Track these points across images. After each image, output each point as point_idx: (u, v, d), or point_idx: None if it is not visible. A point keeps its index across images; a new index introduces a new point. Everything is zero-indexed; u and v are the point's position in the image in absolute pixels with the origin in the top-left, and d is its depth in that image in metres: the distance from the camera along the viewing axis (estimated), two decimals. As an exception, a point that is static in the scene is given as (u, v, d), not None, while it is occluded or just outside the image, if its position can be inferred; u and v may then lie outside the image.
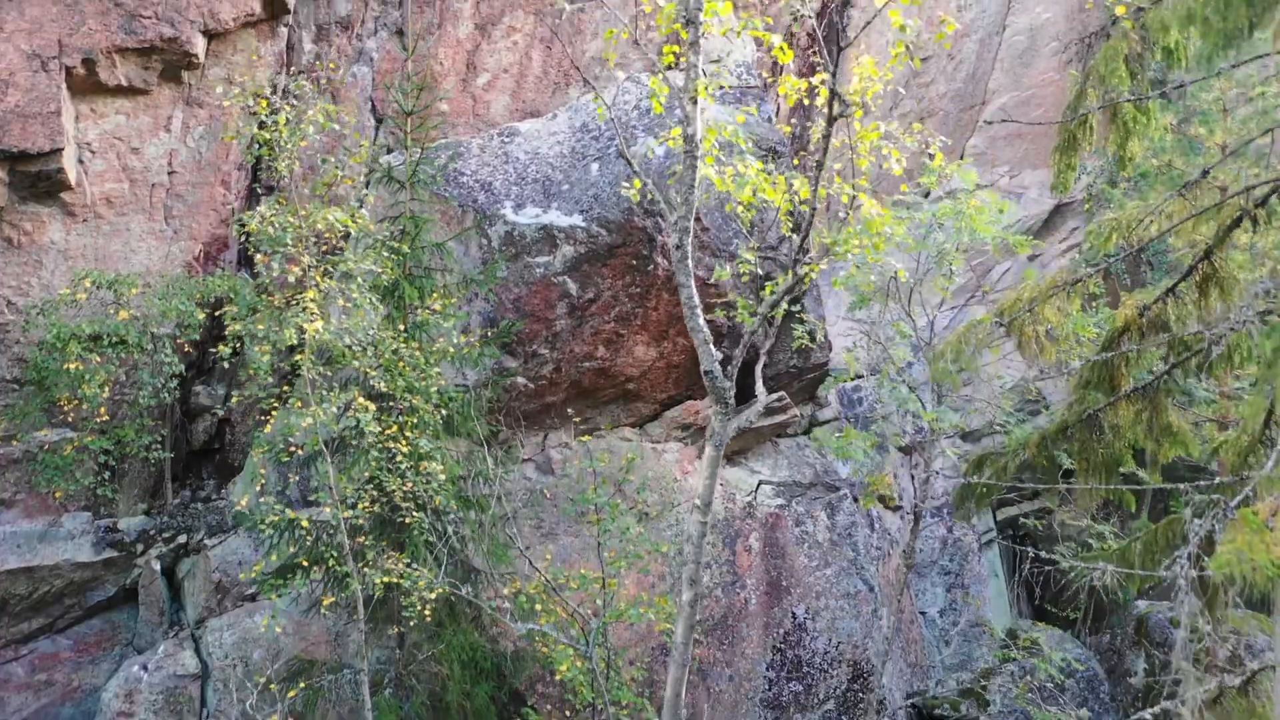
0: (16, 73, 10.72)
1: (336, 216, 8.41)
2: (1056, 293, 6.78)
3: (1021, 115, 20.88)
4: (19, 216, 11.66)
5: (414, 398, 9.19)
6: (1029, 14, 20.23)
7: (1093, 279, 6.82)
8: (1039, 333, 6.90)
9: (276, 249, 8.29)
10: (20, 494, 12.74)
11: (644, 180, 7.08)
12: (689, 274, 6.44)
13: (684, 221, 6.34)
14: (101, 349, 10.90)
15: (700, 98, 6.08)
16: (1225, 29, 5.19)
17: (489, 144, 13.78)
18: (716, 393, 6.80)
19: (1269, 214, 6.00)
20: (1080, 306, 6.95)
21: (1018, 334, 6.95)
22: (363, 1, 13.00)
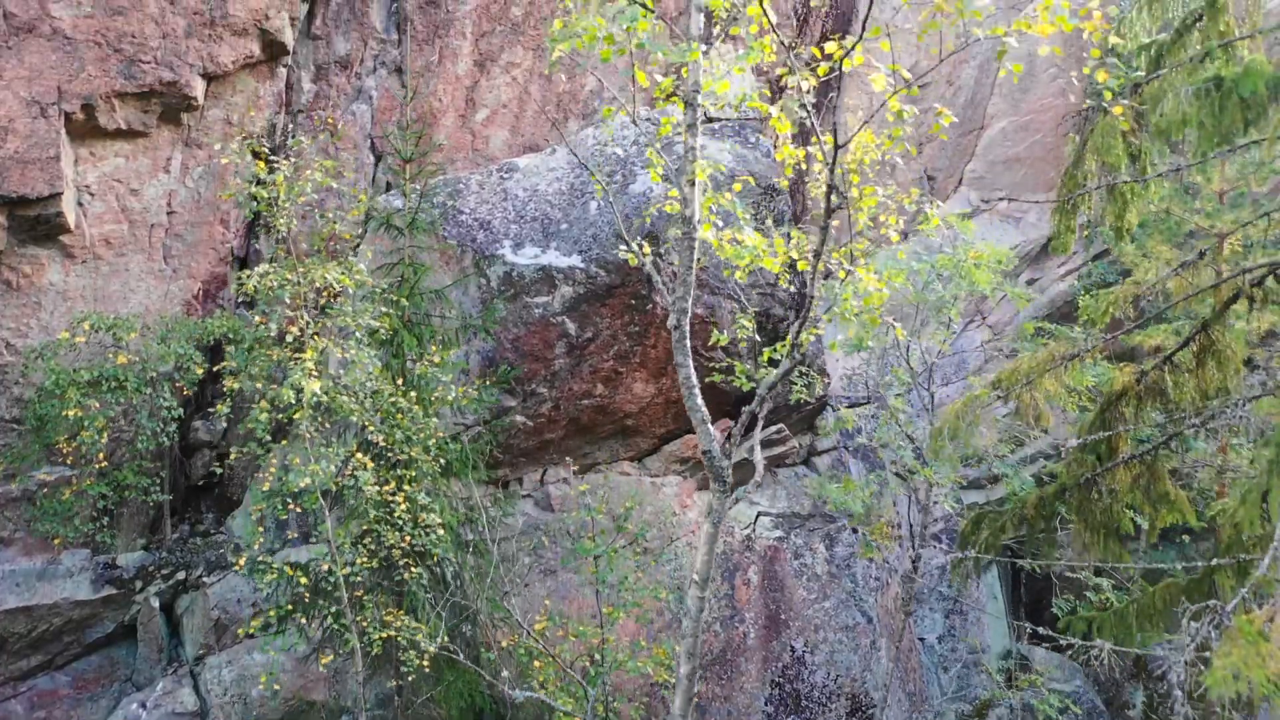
0: (16, 119, 10.73)
1: (335, 275, 8.41)
2: (1055, 367, 6.79)
3: (1020, 140, 20.93)
4: (18, 259, 11.66)
5: (412, 449, 9.19)
6: (1027, 40, 20.24)
7: (1090, 354, 6.85)
8: (1038, 401, 6.91)
9: (274, 307, 8.28)
10: (19, 532, 12.72)
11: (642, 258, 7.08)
12: (687, 353, 6.44)
13: (681, 302, 6.34)
14: (100, 394, 10.89)
15: (698, 179, 6.09)
16: (1220, 130, 5.21)
17: (488, 180, 13.79)
18: (715, 472, 6.80)
19: (1265, 294, 6.01)
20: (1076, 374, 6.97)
21: (1016, 402, 6.95)
22: (362, 41, 13.01)
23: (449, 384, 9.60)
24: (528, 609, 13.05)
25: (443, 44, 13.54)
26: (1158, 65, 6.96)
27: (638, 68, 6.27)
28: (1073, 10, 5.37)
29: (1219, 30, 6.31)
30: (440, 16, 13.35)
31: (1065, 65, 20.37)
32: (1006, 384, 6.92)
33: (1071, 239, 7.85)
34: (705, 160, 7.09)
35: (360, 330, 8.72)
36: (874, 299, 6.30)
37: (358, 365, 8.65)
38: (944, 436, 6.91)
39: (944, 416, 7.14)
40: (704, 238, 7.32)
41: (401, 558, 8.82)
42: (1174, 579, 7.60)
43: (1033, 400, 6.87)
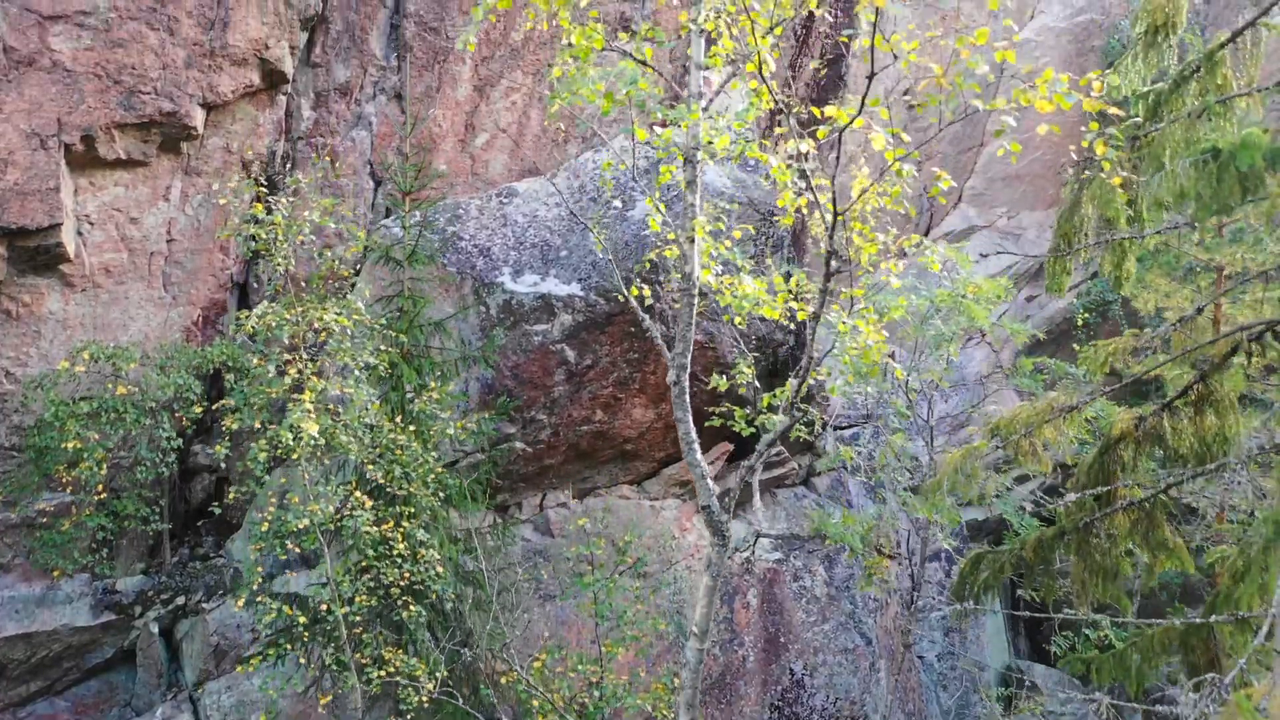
0: (15, 151, 10.73)
1: (333, 317, 8.42)
2: (1054, 418, 6.81)
3: (1019, 159, 20.96)
4: (17, 289, 11.67)
5: (411, 485, 9.20)
6: (1027, 58, 20.29)
7: (1088, 406, 6.86)
8: (1037, 447, 6.92)
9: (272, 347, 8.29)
10: (19, 558, 12.72)
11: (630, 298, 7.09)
12: (686, 409, 6.44)
13: (681, 359, 6.35)
14: (100, 425, 10.90)
15: (698, 236, 6.10)
16: (1218, 201, 5.22)
17: (487, 205, 13.80)
18: (713, 527, 6.81)
19: (1264, 349, 6.03)
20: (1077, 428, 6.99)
21: (1014, 450, 6.97)
22: (361, 68, 13.02)
23: (447, 420, 9.60)
24: (528, 635, 13.06)
25: (442, 69, 13.55)
26: (1155, 114, 6.97)
27: (636, 124, 6.28)
28: (1072, 83, 5.38)
29: (1216, 84, 6.32)
30: (440, 43, 13.36)
31: (1064, 83, 20.38)
32: (1005, 433, 6.93)
33: (1067, 280, 7.87)
34: (705, 196, 7.11)
35: (358, 368, 8.72)
36: (873, 352, 6.31)
37: (356, 402, 8.65)
38: (942, 490, 6.92)
39: (942, 468, 7.15)
40: (703, 282, 7.34)
41: (400, 595, 8.83)
42: (1171, 625, 7.62)
43: (1031, 447, 6.88)
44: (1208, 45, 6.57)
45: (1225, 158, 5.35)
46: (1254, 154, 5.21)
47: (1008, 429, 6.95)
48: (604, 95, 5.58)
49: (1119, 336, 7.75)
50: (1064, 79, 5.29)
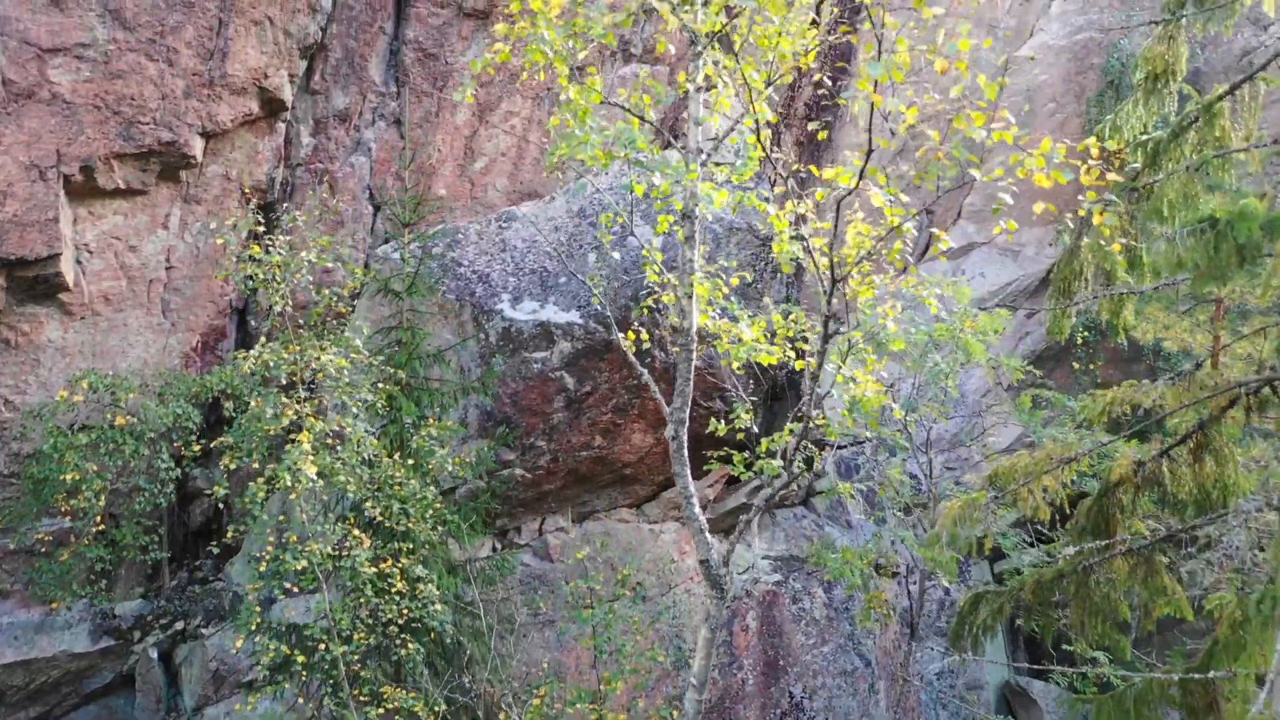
0: (15, 183, 10.73)
1: (330, 357, 8.42)
2: (1052, 469, 6.81)
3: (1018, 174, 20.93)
4: (16, 318, 11.66)
5: (409, 521, 9.20)
6: (1026, 76, 20.28)
7: (1086, 458, 6.87)
8: (1036, 495, 6.93)
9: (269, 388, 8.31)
10: (17, 585, 12.72)
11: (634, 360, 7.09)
12: (685, 463, 6.45)
13: (679, 413, 6.36)
14: (99, 456, 10.90)
15: (696, 291, 6.11)
16: (1215, 270, 5.23)
17: (486, 230, 13.80)
18: (712, 580, 6.82)
19: (1262, 402, 6.03)
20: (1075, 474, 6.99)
21: (1012, 498, 6.98)
22: (360, 94, 13.03)
23: (445, 456, 9.60)
24: (527, 660, 13.06)
25: (441, 95, 13.55)
26: (1155, 162, 6.98)
27: (635, 180, 6.29)
28: (1069, 157, 5.37)
29: (1215, 136, 6.33)
30: (439, 68, 13.37)
31: (1064, 101, 20.39)
32: (1003, 481, 6.94)
33: (1068, 325, 7.87)
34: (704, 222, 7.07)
35: (356, 405, 8.73)
36: (871, 401, 6.31)
37: (354, 439, 8.66)
38: (941, 542, 6.92)
39: (941, 520, 7.16)
40: (701, 325, 7.34)
41: (399, 634, 8.83)
42: (1170, 667, 7.61)
43: (1030, 495, 6.89)
44: (1205, 96, 6.59)
45: (1223, 227, 5.36)
46: (1251, 225, 5.22)
47: (1006, 478, 6.95)
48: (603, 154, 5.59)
49: (1119, 378, 7.76)
50: (1061, 150, 5.29)
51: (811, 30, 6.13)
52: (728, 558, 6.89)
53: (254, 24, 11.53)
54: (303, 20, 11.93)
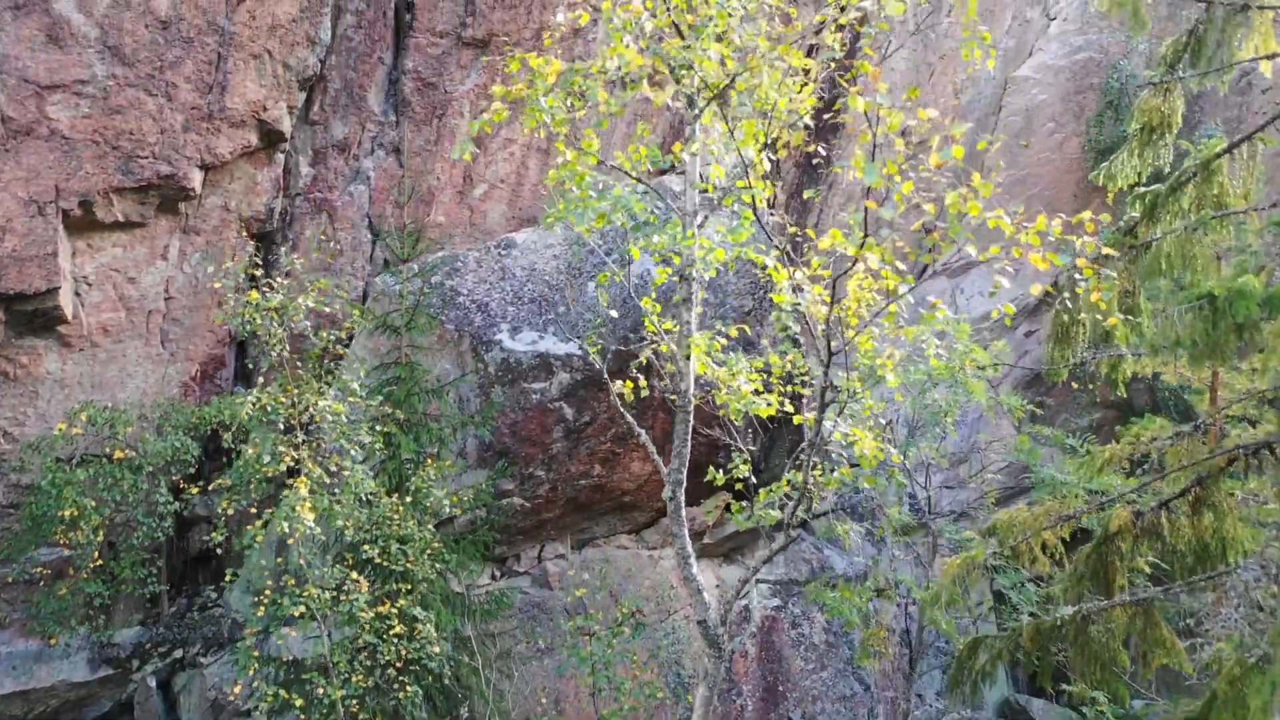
0: (14, 219, 10.73)
1: (328, 403, 8.43)
2: (1052, 525, 6.82)
3: (1018, 193, 20.94)
4: (15, 351, 11.65)
5: (407, 561, 9.20)
6: (1025, 96, 20.31)
7: (1086, 515, 6.87)
8: (1036, 549, 6.93)
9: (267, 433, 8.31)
10: (16, 614, 12.70)
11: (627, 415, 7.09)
12: (683, 524, 6.46)
13: (677, 474, 6.37)
14: (97, 491, 10.90)
15: (694, 354, 6.12)
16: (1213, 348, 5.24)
17: (485, 257, 13.80)
18: (709, 639, 6.82)
19: (1261, 462, 6.04)
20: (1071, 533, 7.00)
21: (1012, 552, 6.98)
22: (360, 124, 13.02)
23: (440, 498, 9.60)
24: (527, 690, 13.05)
25: (441, 123, 13.54)
26: (1152, 214, 6.98)
27: (633, 244, 6.30)
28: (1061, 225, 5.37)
29: (1213, 194, 6.33)
30: (438, 97, 13.36)
31: (1063, 120, 20.41)
32: (1003, 536, 6.95)
33: (1065, 371, 7.86)
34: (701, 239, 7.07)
35: (354, 448, 8.73)
36: (869, 459, 6.32)
37: (352, 482, 8.66)
38: (940, 603, 6.92)
39: (940, 580, 7.16)
40: (701, 372, 7.34)
41: (397, 675, 8.82)
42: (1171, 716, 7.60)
43: (1030, 550, 6.89)
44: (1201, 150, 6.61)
45: (1221, 304, 5.37)
46: (1249, 303, 5.23)
47: (1006, 532, 6.95)
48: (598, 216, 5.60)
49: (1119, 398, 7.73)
50: (1056, 230, 5.28)
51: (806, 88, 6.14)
52: (725, 616, 6.89)
53: (253, 58, 11.54)
54: (302, 53, 11.93)
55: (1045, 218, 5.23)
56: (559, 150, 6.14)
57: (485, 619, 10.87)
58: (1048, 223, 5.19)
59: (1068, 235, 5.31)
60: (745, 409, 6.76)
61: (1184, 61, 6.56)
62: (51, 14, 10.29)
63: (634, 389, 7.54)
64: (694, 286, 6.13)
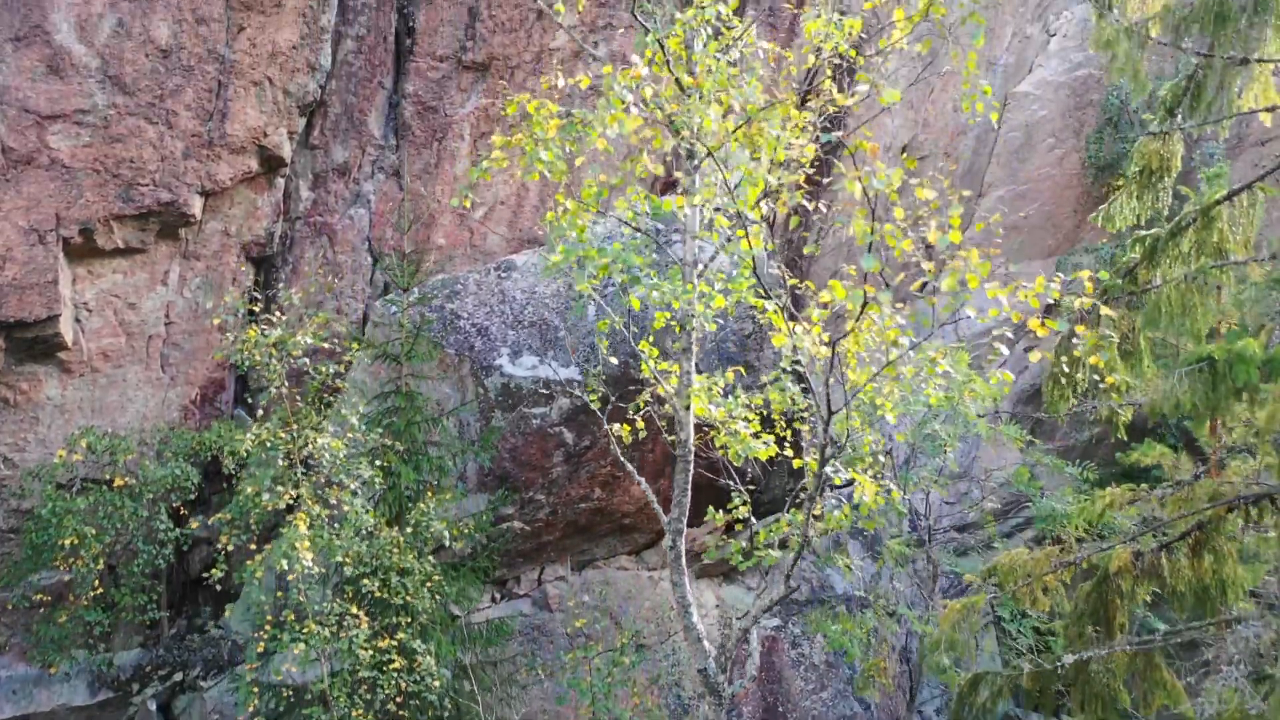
0: (14, 248, 10.74)
1: (326, 441, 8.44)
2: (1052, 570, 6.82)
3: (1018, 208, 20.95)
4: (15, 377, 11.66)
5: (408, 594, 9.20)
6: (1025, 112, 20.30)
7: (1086, 560, 6.87)
8: (1037, 594, 6.94)
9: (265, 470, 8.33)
10: (15, 637, 12.70)
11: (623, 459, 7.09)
12: (683, 572, 6.47)
13: (677, 524, 6.37)
14: (97, 519, 10.90)
15: (693, 404, 6.12)
16: (1213, 409, 5.25)
17: (485, 279, 13.79)
18: (710, 687, 6.83)
19: (1261, 511, 6.03)
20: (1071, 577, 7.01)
21: (1012, 596, 6.98)
22: (360, 148, 13.03)
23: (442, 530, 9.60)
24: (527, 714, 13.04)
25: (441, 146, 13.55)
26: (1152, 257, 6.98)
27: (633, 298, 6.30)
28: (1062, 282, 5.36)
29: (1213, 242, 6.33)
30: (439, 121, 13.37)
31: (1062, 136, 20.41)
32: (1004, 580, 6.95)
33: (1065, 406, 7.86)
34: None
35: (354, 482, 8.73)
36: (869, 506, 6.32)
37: (351, 517, 8.66)
38: (940, 649, 6.92)
39: (940, 625, 7.16)
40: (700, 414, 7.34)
41: (397, 710, 8.82)
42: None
43: (1031, 593, 6.90)
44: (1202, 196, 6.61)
45: (1221, 368, 5.37)
46: (1250, 367, 5.23)
47: (1006, 576, 6.96)
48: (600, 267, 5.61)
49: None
50: (1055, 293, 5.26)
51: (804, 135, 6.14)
52: (727, 664, 6.89)
53: (253, 85, 11.55)
54: (302, 79, 11.94)
55: (1044, 279, 5.20)
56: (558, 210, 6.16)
57: (486, 647, 10.86)
58: (1046, 284, 5.17)
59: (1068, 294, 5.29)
60: (745, 453, 6.76)
61: (1184, 106, 6.58)
62: (52, 45, 10.30)
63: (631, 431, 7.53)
64: (693, 338, 6.14)
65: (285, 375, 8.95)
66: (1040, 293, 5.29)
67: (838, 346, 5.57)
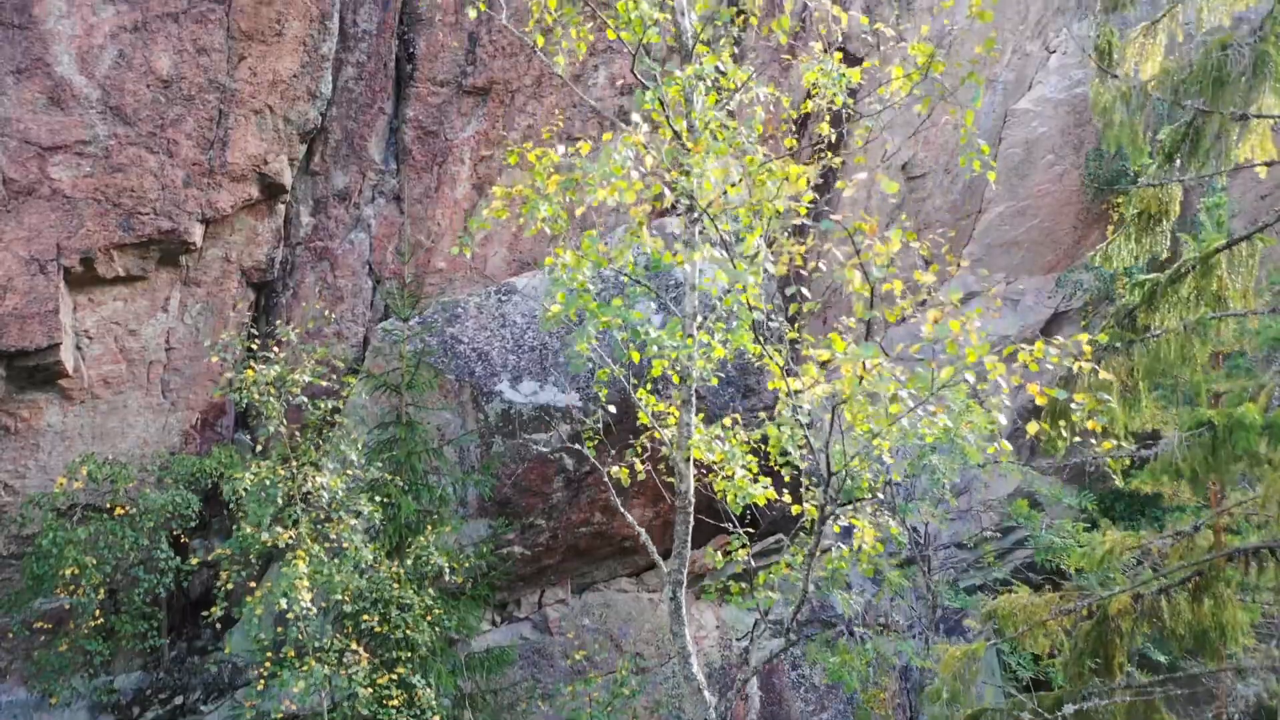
0: (15, 278, 10.76)
1: (324, 480, 8.45)
2: (1053, 618, 6.83)
3: (1017, 224, 20.97)
4: (15, 405, 11.68)
5: (408, 627, 9.21)
6: (1025, 128, 20.32)
7: (1086, 614, 6.89)
8: (1039, 639, 6.94)
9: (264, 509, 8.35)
10: (16, 662, 12.71)
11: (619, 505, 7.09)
12: (683, 623, 6.49)
13: (676, 575, 6.39)
14: (98, 550, 10.91)
15: (693, 456, 6.15)
16: (1213, 474, 5.26)
17: (486, 303, 13.80)
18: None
19: (1260, 565, 6.04)
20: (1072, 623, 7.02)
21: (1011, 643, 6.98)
22: (360, 173, 13.05)
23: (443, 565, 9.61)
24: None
25: (441, 170, 13.57)
26: (1151, 301, 6.99)
27: (633, 349, 6.32)
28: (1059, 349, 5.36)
29: (1212, 291, 6.34)
30: (439, 145, 13.39)
31: (1062, 153, 20.43)
32: (1003, 623, 6.96)
33: (1063, 445, 7.85)
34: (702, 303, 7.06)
35: (353, 518, 8.75)
36: (869, 555, 6.33)
37: (350, 553, 8.67)
38: (941, 698, 6.93)
39: (940, 672, 7.17)
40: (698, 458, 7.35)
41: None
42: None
43: (1033, 639, 6.90)
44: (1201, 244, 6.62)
45: (1221, 434, 5.38)
46: (1250, 435, 5.24)
47: (1007, 622, 6.97)
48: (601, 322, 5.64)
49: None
50: (1054, 357, 5.25)
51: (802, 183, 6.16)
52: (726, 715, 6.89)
53: (254, 113, 11.56)
54: (303, 107, 11.96)
55: (1043, 344, 5.19)
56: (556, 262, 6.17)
57: (486, 675, 10.87)
58: (1046, 349, 5.16)
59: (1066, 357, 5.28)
60: (743, 500, 6.77)
61: (1182, 151, 6.59)
62: (53, 77, 10.33)
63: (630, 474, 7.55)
64: (693, 390, 6.17)
65: (284, 413, 8.97)
66: (1040, 357, 5.28)
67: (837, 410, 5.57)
